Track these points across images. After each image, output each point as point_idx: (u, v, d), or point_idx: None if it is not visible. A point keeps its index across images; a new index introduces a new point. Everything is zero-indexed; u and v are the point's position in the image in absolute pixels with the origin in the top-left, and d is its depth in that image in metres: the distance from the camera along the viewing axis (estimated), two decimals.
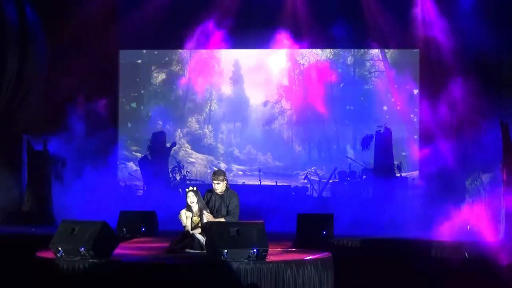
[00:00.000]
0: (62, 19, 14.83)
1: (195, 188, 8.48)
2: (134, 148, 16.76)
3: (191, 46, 16.19)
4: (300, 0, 15.53)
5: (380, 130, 14.85)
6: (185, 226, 8.33)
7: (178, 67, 17.13)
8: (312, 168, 16.67)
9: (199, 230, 8.25)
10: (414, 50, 15.78)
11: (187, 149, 16.93)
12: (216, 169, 11.57)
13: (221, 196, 8.81)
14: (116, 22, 15.64)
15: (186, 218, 8.32)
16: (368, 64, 16.72)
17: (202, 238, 8.06)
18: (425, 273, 9.64)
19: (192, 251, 8.03)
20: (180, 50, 16.97)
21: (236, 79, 16.99)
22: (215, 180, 8.76)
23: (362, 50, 16.47)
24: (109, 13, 15.44)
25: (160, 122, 16.80)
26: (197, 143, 16.96)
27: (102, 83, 15.66)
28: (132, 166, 16.54)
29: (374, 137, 14.97)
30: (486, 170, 12.98)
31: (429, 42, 14.82)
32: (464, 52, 14.20)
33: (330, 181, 15.97)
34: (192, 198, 8.35)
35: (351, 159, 15.84)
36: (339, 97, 16.32)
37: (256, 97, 16.92)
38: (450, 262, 9.70)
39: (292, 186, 16.05)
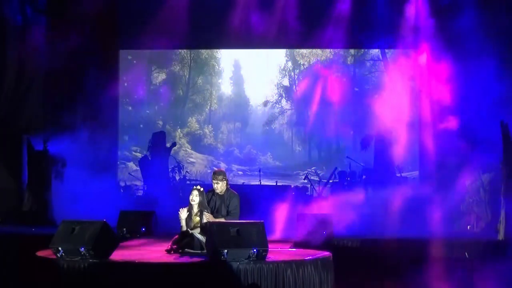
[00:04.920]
0: (62, 19, 14.83)
1: (201, 189, 8.50)
2: (134, 148, 16.76)
3: (191, 45, 16.19)
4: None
5: (380, 130, 14.85)
6: (182, 226, 8.34)
7: (178, 67, 17.12)
8: (312, 168, 16.67)
9: (198, 230, 8.25)
10: (414, 50, 15.77)
11: (187, 149, 16.93)
12: (216, 169, 11.58)
13: (222, 197, 8.83)
14: (116, 22, 15.63)
15: (184, 217, 8.33)
16: (368, 64, 16.72)
17: (202, 238, 8.06)
18: (424, 273, 9.64)
19: (192, 251, 8.03)
20: (180, 50, 16.98)
21: (236, 79, 17.00)
22: (214, 179, 8.82)
23: (362, 50, 16.47)
24: (109, 13, 15.44)
25: (160, 122, 16.81)
26: (197, 143, 16.96)
27: (102, 83, 15.65)
28: (132, 166, 16.54)
29: (374, 137, 14.97)
30: (486, 170, 12.98)
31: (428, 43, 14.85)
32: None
33: (330, 181, 15.96)
34: (195, 197, 8.36)
35: (351, 159, 15.83)
36: (339, 97, 16.31)
37: (256, 97, 16.94)
38: (450, 262, 9.69)
39: (292, 186, 16.04)
